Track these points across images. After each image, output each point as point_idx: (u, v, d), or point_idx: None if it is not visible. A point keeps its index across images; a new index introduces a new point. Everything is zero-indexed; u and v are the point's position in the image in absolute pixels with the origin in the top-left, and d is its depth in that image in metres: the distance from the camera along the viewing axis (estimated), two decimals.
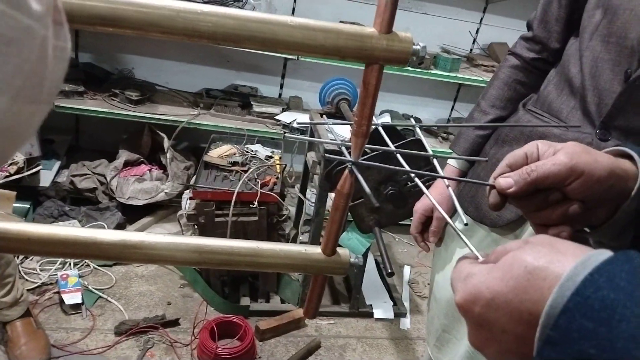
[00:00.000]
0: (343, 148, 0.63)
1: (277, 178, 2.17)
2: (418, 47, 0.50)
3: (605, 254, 0.35)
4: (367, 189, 0.63)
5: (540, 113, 1.05)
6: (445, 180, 0.66)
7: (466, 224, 0.64)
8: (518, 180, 0.53)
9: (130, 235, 0.55)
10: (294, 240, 2.40)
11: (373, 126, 0.55)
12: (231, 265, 0.58)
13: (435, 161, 0.64)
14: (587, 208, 0.54)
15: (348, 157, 0.56)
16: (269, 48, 0.48)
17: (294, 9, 2.84)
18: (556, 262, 0.36)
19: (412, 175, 0.63)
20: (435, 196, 1.21)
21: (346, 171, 0.57)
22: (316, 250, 0.61)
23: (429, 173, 0.65)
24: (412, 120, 0.83)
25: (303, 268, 0.61)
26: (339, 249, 0.62)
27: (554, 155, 0.52)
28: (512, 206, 0.60)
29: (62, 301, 2.00)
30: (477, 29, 3.10)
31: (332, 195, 1.99)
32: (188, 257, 0.56)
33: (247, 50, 2.50)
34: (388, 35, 0.48)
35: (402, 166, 0.67)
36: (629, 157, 0.54)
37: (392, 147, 0.70)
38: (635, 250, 0.35)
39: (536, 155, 0.54)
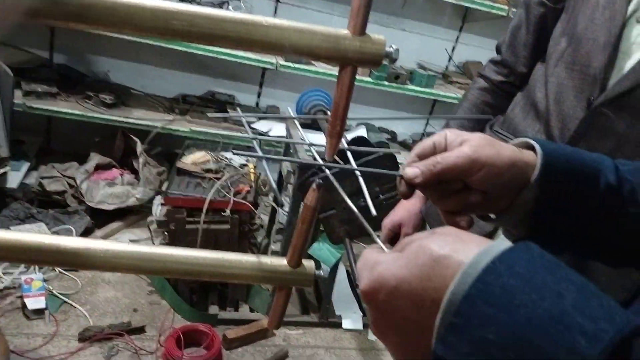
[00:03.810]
0: (316, 155, 0.64)
1: (251, 186, 2.17)
2: (391, 49, 0.51)
3: (506, 243, 0.36)
4: (343, 194, 0.64)
5: (506, 135, 1.08)
6: (357, 172, 0.66)
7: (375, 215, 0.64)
8: (424, 171, 0.54)
9: (94, 243, 0.55)
10: (266, 249, 2.40)
11: (351, 136, 0.56)
12: (195, 275, 0.58)
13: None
14: (488, 198, 0.56)
15: (320, 161, 0.57)
16: (244, 47, 0.48)
17: None
18: (460, 251, 0.37)
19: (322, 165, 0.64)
20: (402, 212, 1.23)
21: (313, 185, 0.58)
22: (282, 262, 0.62)
23: (339, 165, 0.65)
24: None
25: (268, 279, 0.62)
26: (304, 261, 0.63)
27: (459, 147, 0.54)
28: (480, 222, 0.62)
29: (24, 306, 1.95)
30: (453, 47, 3.17)
31: None
32: (151, 266, 0.56)
33: (225, 57, 2.50)
34: (361, 37, 0.49)
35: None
36: (533, 148, 0.56)
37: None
38: (536, 240, 0.37)
39: (444, 145, 0.56)
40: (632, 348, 0.29)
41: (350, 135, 2.41)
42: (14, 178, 2.46)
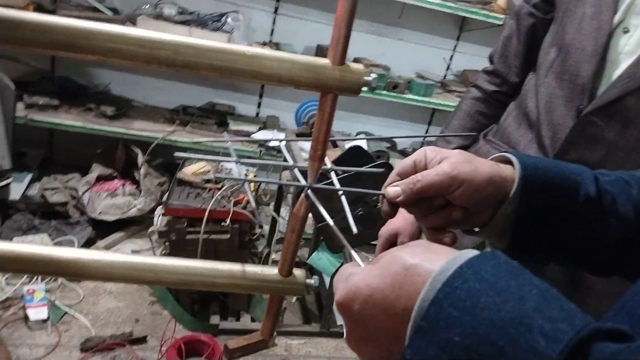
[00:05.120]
0: (297, 172, 0.65)
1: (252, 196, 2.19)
2: (370, 78, 0.53)
3: (474, 252, 0.37)
4: (324, 213, 0.65)
5: (500, 144, 1.09)
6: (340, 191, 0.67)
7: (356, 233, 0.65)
8: (405, 190, 0.56)
9: (87, 254, 0.56)
10: (267, 258, 2.41)
11: (348, 145, 0.57)
12: (187, 285, 0.59)
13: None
14: (470, 213, 0.57)
15: (303, 182, 0.59)
16: (227, 75, 0.50)
17: (272, 30, 2.89)
18: (430, 260, 0.39)
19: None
20: (400, 221, 1.24)
21: (302, 195, 0.60)
22: (273, 271, 0.63)
23: (325, 187, 0.65)
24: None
25: (259, 289, 0.63)
26: (295, 270, 0.64)
27: (438, 165, 0.55)
28: (470, 237, 0.63)
29: (27, 317, 1.96)
30: (451, 56, 3.19)
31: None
32: (143, 276, 0.57)
33: None
34: (341, 67, 0.50)
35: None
36: (512, 163, 0.57)
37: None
38: (521, 251, 0.37)
39: (424, 163, 0.57)
40: (591, 350, 0.30)
41: (349, 145, 2.43)
42: (17, 189, 2.48)
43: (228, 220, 2.02)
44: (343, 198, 0.64)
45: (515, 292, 0.33)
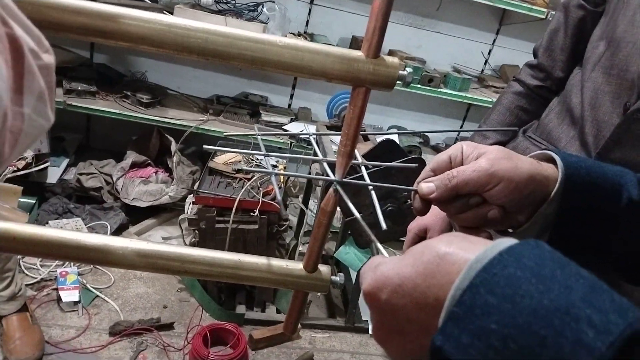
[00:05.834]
0: (326, 166, 0.63)
1: (280, 187, 2.18)
2: (404, 72, 0.50)
3: (514, 240, 0.35)
4: (353, 209, 0.63)
5: (539, 141, 1.05)
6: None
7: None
8: (439, 186, 0.53)
9: (114, 241, 0.56)
10: (294, 250, 2.40)
11: (380, 139, 0.55)
12: (212, 277, 0.58)
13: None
14: (508, 212, 0.54)
15: (332, 177, 0.57)
16: (258, 66, 0.49)
17: (308, 21, 2.87)
18: (467, 249, 0.36)
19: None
20: (430, 216, 1.21)
21: (330, 190, 0.58)
22: (298, 266, 0.61)
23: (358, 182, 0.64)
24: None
25: (284, 283, 0.62)
26: (320, 266, 0.62)
27: (475, 161, 0.53)
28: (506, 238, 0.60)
29: (59, 298, 2.01)
30: (490, 50, 3.11)
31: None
32: (169, 265, 0.56)
33: None
34: (375, 60, 0.48)
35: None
36: (554, 161, 0.54)
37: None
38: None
39: (460, 159, 0.55)
40: None
41: (380, 139, 2.39)
42: (54, 174, 2.54)
43: (257, 211, 2.02)
44: (372, 193, 0.62)
45: (560, 281, 0.30)
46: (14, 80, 0.35)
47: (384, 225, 0.56)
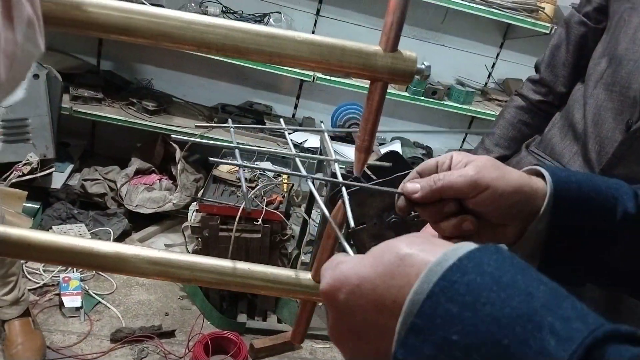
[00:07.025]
0: (337, 170, 0.64)
1: (284, 197, 2.19)
2: (422, 66, 0.51)
3: (474, 245, 0.34)
4: (349, 213, 0.64)
5: (543, 156, 1.06)
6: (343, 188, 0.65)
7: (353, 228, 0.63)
8: (424, 187, 0.53)
9: (125, 248, 0.57)
10: (296, 260, 2.40)
11: (385, 150, 0.56)
12: (221, 285, 0.59)
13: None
14: (494, 225, 0.54)
15: (340, 179, 0.58)
16: (276, 61, 0.49)
17: (313, 32, 2.90)
18: (427, 251, 0.35)
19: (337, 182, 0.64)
20: (432, 230, 1.22)
21: (339, 201, 0.58)
22: (306, 275, 0.62)
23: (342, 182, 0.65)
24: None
25: (292, 293, 0.62)
26: None
27: (463, 168, 0.53)
28: None
29: (61, 303, 2.01)
30: (493, 64, 3.13)
31: None
32: (179, 273, 0.57)
33: (264, 68, 2.55)
34: (393, 54, 0.49)
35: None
36: (543, 176, 0.54)
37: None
38: (553, 271, 0.34)
39: (447, 165, 0.55)
40: (607, 352, 0.27)
41: (384, 150, 2.41)
42: (58, 179, 2.56)
43: (260, 220, 2.03)
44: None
45: (522, 288, 0.30)
46: (4, 7, 0.38)
47: (352, 223, 0.56)
